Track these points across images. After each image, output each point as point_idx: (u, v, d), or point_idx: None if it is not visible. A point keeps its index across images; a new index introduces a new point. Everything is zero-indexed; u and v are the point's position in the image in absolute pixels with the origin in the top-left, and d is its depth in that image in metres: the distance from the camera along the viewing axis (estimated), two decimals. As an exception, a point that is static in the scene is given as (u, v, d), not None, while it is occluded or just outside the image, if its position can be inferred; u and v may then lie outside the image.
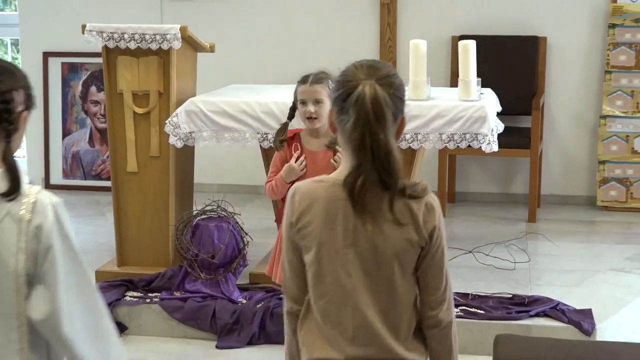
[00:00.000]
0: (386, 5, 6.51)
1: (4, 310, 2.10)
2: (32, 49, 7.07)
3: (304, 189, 2.26)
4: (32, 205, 2.11)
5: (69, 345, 2.14)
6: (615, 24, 6.26)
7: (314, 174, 3.80)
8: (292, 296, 2.37)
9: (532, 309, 4.38)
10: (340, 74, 2.25)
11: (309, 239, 2.23)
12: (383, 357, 2.24)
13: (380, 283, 2.23)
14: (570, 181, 6.58)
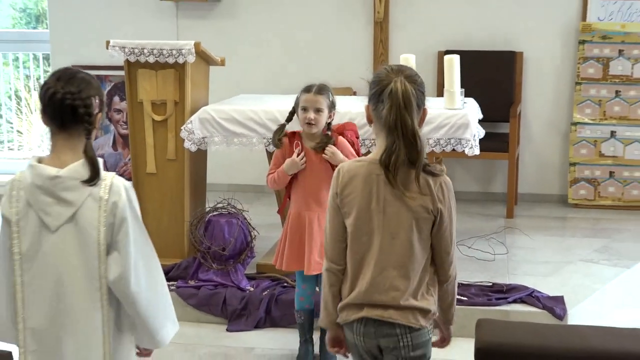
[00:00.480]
0: (379, 23, 6.52)
1: (89, 274, 2.35)
2: (61, 63, 7.04)
3: (346, 167, 2.58)
4: (109, 187, 2.36)
5: (133, 302, 2.38)
6: (584, 40, 6.26)
7: (310, 168, 3.85)
8: (330, 257, 2.61)
9: (510, 296, 4.39)
10: (375, 76, 2.59)
11: (350, 206, 2.53)
12: (398, 303, 2.49)
13: (402, 243, 2.50)
14: (544, 181, 6.58)
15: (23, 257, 2.36)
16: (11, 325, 2.42)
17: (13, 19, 7.83)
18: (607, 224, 5.92)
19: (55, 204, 2.35)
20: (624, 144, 6.24)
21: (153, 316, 2.46)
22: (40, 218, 2.35)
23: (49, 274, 2.37)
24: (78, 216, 2.35)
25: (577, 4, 6.35)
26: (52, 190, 2.34)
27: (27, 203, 2.36)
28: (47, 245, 2.36)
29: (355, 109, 4.54)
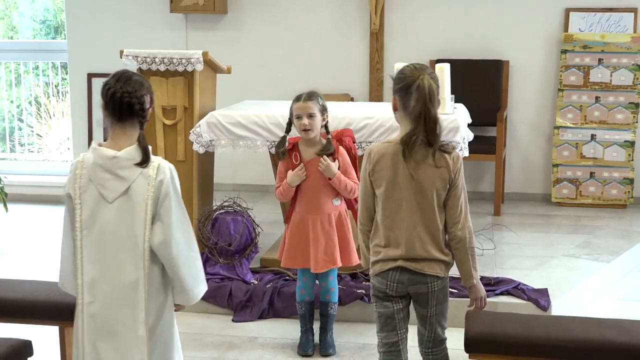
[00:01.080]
0: (375, 34, 6.51)
1: (136, 239, 2.64)
2: (78, 71, 7.06)
3: (376, 149, 2.94)
4: (157, 168, 2.68)
5: (174, 265, 2.68)
6: (566, 49, 6.26)
7: (310, 177, 3.84)
8: (361, 220, 3.03)
9: (498, 288, 4.38)
10: (400, 72, 2.91)
11: (380, 179, 2.90)
12: (424, 255, 2.88)
13: (424, 208, 2.88)
14: (529, 181, 6.58)
15: (83, 224, 2.69)
16: (73, 279, 2.73)
17: (33, 30, 7.83)
18: (588, 221, 5.91)
19: (113, 180, 2.67)
20: (603, 147, 6.24)
21: (188, 276, 2.74)
22: (99, 191, 2.67)
23: (103, 238, 2.67)
24: (130, 190, 2.66)
25: (559, 15, 6.35)
26: (111, 168, 2.66)
27: (88, 179, 2.68)
28: (104, 214, 2.67)
29: (352, 114, 4.54)
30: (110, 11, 6.89)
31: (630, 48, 6.18)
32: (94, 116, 7.04)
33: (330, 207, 3.88)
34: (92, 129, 7.03)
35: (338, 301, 4.07)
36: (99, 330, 2.68)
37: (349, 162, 3.90)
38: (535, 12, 6.36)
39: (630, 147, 6.21)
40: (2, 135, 7.68)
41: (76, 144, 7.16)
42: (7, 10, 7.79)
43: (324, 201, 3.87)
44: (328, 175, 3.79)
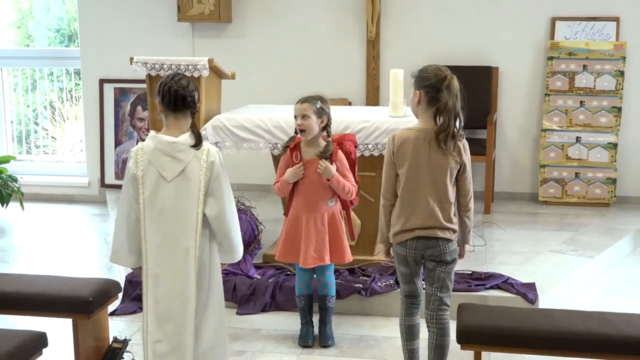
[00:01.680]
0: (371, 42, 6.51)
1: (192, 211, 3.01)
2: (90, 77, 7.05)
3: (399, 135, 3.26)
4: (207, 151, 3.06)
5: (227, 230, 3.10)
6: (552, 56, 6.26)
7: (308, 177, 3.84)
8: (385, 195, 3.33)
9: (488, 282, 4.37)
10: (425, 72, 3.21)
11: (403, 160, 3.22)
12: (436, 225, 3.21)
13: (439, 186, 3.21)
14: (517, 181, 6.57)
15: (145, 201, 3.04)
16: (127, 254, 3.12)
17: (48, 38, 7.82)
18: (573, 218, 5.91)
19: (172, 162, 3.03)
20: (587, 148, 6.23)
21: (235, 239, 3.15)
22: (159, 172, 3.03)
23: (163, 211, 3.03)
24: (186, 171, 3.03)
25: (546, 24, 6.35)
26: (170, 151, 3.03)
27: (149, 162, 3.04)
28: (163, 192, 3.03)
29: (350, 118, 4.53)
30: (121, 20, 6.89)
31: (613, 55, 6.18)
32: (105, 119, 7.03)
33: (325, 207, 3.87)
34: (104, 131, 7.03)
35: (337, 295, 4.07)
36: (160, 287, 3.04)
37: (346, 166, 3.89)
38: (523, 21, 6.36)
39: (613, 149, 6.20)
40: (18, 138, 7.68)
41: (89, 146, 7.16)
42: (24, 19, 7.79)
43: (320, 201, 3.86)
44: (327, 176, 3.78)
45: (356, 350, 3.93)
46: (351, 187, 3.84)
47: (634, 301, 4.52)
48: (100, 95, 7.03)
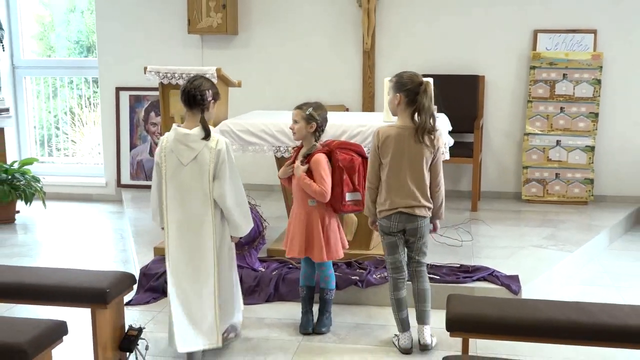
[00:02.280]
0: (367, 52, 6.52)
1: (203, 191, 3.44)
2: (107, 85, 7.06)
3: (383, 130, 3.62)
4: (217, 141, 3.44)
5: (227, 210, 3.50)
6: (535, 66, 6.26)
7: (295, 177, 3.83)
8: (370, 180, 3.69)
9: (475, 275, 4.37)
10: (403, 78, 3.56)
11: (386, 151, 3.58)
12: (415, 204, 3.60)
13: (417, 172, 3.59)
14: (502, 181, 6.58)
15: (167, 180, 3.47)
16: (159, 216, 3.56)
17: (68, 49, 7.82)
18: (553, 216, 5.91)
19: (186, 150, 3.42)
20: (567, 151, 6.24)
21: (237, 218, 3.54)
22: (178, 158, 3.43)
23: (181, 189, 3.46)
24: (198, 157, 3.42)
25: (528, 36, 6.35)
26: (185, 141, 3.42)
27: (170, 150, 3.44)
28: (181, 173, 3.45)
29: (347, 122, 4.53)
30: (135, 32, 6.90)
31: (590, 65, 6.18)
32: (121, 124, 7.04)
33: (306, 205, 3.85)
34: (120, 135, 7.03)
35: (335, 286, 4.07)
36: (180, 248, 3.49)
37: (321, 170, 3.77)
38: (507, 33, 6.37)
39: (590, 152, 6.21)
40: (41, 142, 7.68)
41: (106, 148, 7.16)
42: (46, 32, 7.80)
43: (302, 199, 3.86)
44: (295, 175, 3.83)
45: (353, 337, 3.93)
46: (318, 189, 3.75)
47: (609, 292, 4.53)
48: (116, 102, 7.04)
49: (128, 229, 5.81)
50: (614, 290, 4.61)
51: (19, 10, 7.36)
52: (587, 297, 4.16)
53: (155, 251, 4.84)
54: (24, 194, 6.22)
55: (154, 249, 4.87)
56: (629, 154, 6.34)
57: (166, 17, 6.82)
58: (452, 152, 4.66)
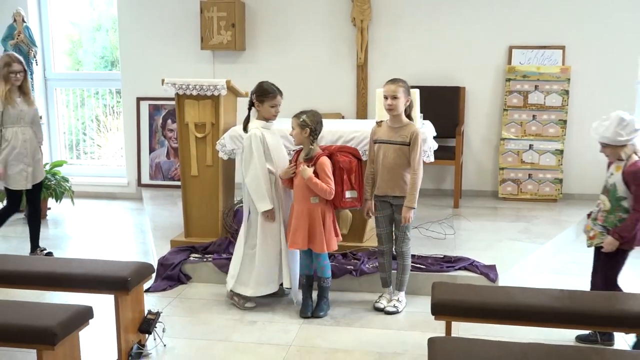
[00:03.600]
0: (360, 66, 6.52)
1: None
2: (129, 96, 7.05)
3: (375, 128, 3.98)
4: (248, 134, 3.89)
5: (247, 190, 3.91)
6: (510, 78, 6.26)
7: (298, 176, 3.85)
8: (369, 167, 3.96)
9: (457, 265, 4.36)
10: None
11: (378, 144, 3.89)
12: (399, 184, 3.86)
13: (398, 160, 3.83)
14: (481, 181, 6.57)
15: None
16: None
17: (94, 63, 7.81)
18: (526, 212, 5.90)
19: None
20: (539, 154, 6.23)
21: (253, 194, 3.89)
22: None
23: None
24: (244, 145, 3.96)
25: (504, 52, 6.35)
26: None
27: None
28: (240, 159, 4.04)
29: (343, 129, 4.52)
30: (154, 49, 6.88)
31: (559, 77, 6.18)
32: (141, 130, 7.02)
33: (308, 203, 3.85)
34: (140, 140, 7.02)
35: (332, 275, 4.06)
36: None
37: (326, 171, 3.81)
38: (486, 49, 6.36)
39: (560, 155, 6.20)
40: (70, 146, 7.67)
41: (127, 152, 7.15)
42: (75, 48, 7.79)
43: (304, 197, 3.85)
44: (303, 176, 3.79)
45: (348, 320, 3.92)
46: (326, 188, 3.78)
47: (576, 280, 4.52)
48: (137, 111, 7.03)
49: (147, 224, 5.80)
50: (580, 278, 4.59)
51: (51, 29, 7.35)
52: (557, 285, 4.15)
53: (172, 243, 4.83)
54: (54, 193, 6.21)
55: (170, 242, 4.86)
56: (594, 157, 6.30)
57: (181, 35, 6.81)
58: (436, 155, 4.64)
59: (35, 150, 4.87)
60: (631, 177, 3.34)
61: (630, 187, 3.35)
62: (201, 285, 4.49)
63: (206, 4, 6.55)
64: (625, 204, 3.38)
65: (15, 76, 4.66)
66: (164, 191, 6.83)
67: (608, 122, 3.39)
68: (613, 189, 3.43)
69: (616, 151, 3.41)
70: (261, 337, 3.71)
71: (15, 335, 2.80)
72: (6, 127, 4.69)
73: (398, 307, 3.99)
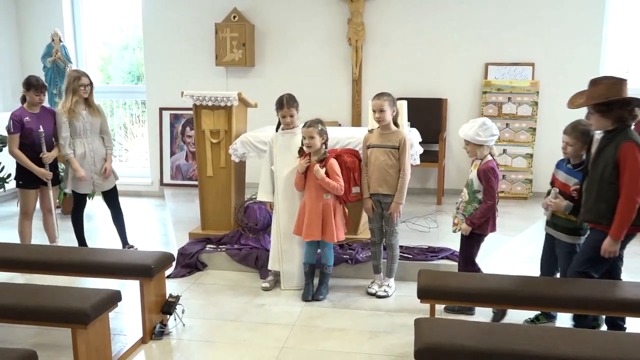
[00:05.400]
0: (355, 80, 6.51)
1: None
2: (153, 106, 7.04)
3: (367, 135, 3.92)
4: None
5: None
6: (486, 91, 6.25)
7: (311, 176, 3.81)
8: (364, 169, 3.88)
9: (439, 254, 4.37)
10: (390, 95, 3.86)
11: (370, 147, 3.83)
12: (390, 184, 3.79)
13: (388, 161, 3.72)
14: (461, 181, 6.47)
15: None
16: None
17: (122, 78, 7.81)
18: (500, 208, 5.67)
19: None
20: (511, 157, 6.23)
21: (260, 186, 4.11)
22: None
23: None
24: None
25: (481, 68, 6.35)
26: None
27: None
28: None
29: (340, 135, 4.52)
30: (175, 65, 6.88)
31: (529, 90, 6.17)
32: (163, 137, 7.02)
33: (322, 199, 3.85)
34: (162, 145, 7.01)
35: (330, 263, 4.06)
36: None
37: (336, 170, 3.84)
38: (465, 66, 6.35)
39: (530, 158, 6.20)
40: (101, 150, 7.66)
41: (151, 156, 7.14)
42: (105, 64, 7.79)
43: (318, 195, 3.84)
44: (317, 177, 3.78)
45: (344, 303, 3.92)
46: (337, 185, 3.80)
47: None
48: (159, 119, 7.02)
49: (169, 218, 5.80)
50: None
51: (84, 47, 7.34)
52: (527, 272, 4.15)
53: (190, 235, 4.83)
54: (87, 191, 6.18)
55: (189, 234, 4.86)
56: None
57: (199, 53, 6.80)
58: (422, 158, 4.65)
59: (101, 159, 4.69)
60: (483, 174, 3.52)
61: (483, 182, 3.52)
62: (216, 272, 4.49)
63: (220, 25, 6.54)
64: (480, 196, 3.56)
65: (84, 89, 4.57)
66: (183, 190, 6.82)
67: (473, 124, 3.58)
68: (471, 183, 3.61)
69: (475, 149, 3.58)
70: (268, 317, 3.71)
71: (53, 315, 2.80)
72: (73, 139, 4.57)
73: (388, 292, 3.99)
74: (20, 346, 3.13)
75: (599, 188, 2.99)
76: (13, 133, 4.47)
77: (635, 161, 2.83)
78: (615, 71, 6.21)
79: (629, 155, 2.83)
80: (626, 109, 2.91)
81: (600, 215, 3.00)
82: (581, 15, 6.10)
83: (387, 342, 3.36)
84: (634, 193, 2.85)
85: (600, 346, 2.40)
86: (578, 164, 3.32)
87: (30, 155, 4.51)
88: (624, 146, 2.86)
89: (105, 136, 4.78)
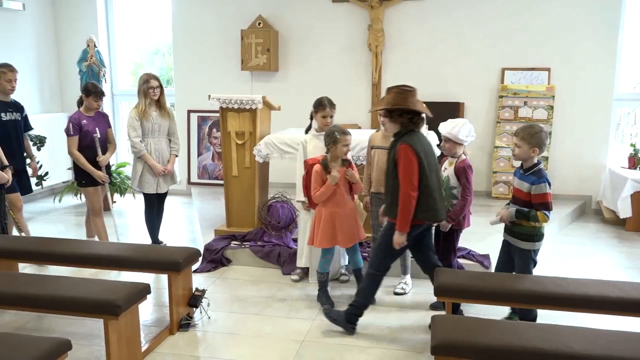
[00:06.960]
0: (375, 84, 6.52)
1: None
2: (182, 109, 7.11)
3: (372, 135, 3.85)
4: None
5: None
6: (502, 95, 6.19)
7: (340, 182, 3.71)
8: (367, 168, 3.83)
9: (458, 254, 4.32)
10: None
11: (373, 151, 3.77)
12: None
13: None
14: (477, 182, 6.46)
15: None
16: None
17: (153, 81, 7.92)
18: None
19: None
20: (527, 160, 6.16)
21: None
22: None
23: None
24: None
25: (498, 73, 6.29)
26: None
27: None
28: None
29: (359, 137, 4.50)
30: (202, 70, 6.93)
31: (545, 94, 6.10)
32: (191, 137, 7.07)
33: (348, 202, 3.77)
34: (190, 145, 7.07)
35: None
36: None
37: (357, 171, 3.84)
38: (482, 71, 6.30)
39: (545, 161, 6.12)
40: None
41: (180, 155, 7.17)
42: (137, 68, 7.89)
43: (345, 198, 3.75)
44: (354, 180, 3.71)
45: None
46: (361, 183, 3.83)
47: (558, 268, 4.47)
48: (187, 121, 7.09)
49: (195, 216, 5.85)
50: (562, 267, 4.54)
51: (117, 52, 7.44)
52: (541, 272, 4.11)
53: (215, 232, 4.87)
54: (119, 189, 6.29)
55: (215, 231, 4.89)
56: (574, 162, 6.25)
57: (225, 58, 6.85)
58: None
59: (166, 160, 4.70)
60: (461, 172, 3.58)
61: (460, 180, 3.57)
62: (240, 267, 4.52)
63: (246, 32, 6.58)
64: (455, 192, 3.58)
65: (153, 91, 4.60)
66: (210, 188, 6.87)
67: (456, 124, 3.65)
68: (446, 180, 3.60)
69: (454, 147, 3.65)
70: (289, 312, 3.72)
71: (86, 307, 2.84)
72: (143, 138, 4.61)
73: (405, 289, 3.96)
74: (56, 335, 3.19)
75: (388, 184, 3.28)
76: (72, 135, 4.53)
77: (407, 160, 3.10)
78: (632, 76, 6.10)
79: (402, 155, 3.11)
80: (406, 117, 3.21)
81: (390, 209, 3.24)
82: (597, 20, 6.01)
83: (404, 338, 3.35)
84: (408, 189, 3.11)
85: (610, 344, 2.38)
86: (529, 168, 3.31)
87: (87, 156, 4.58)
88: (400, 147, 3.14)
89: (172, 138, 4.78)
